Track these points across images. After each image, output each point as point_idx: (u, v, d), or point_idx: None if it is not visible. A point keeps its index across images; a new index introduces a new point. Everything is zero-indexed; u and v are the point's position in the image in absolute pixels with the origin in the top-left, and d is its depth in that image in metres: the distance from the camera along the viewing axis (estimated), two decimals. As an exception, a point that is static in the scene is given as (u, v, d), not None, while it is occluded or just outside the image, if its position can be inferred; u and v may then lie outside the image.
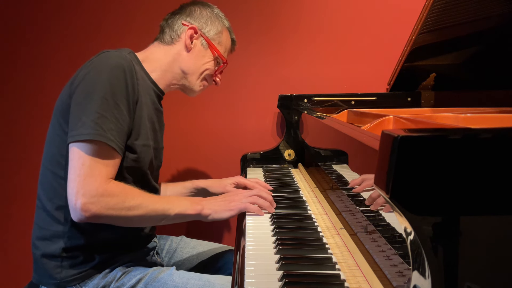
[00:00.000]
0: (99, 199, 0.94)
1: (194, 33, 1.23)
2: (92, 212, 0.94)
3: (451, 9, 1.36)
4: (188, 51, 1.23)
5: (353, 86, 1.85)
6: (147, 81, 1.18)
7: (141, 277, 1.05)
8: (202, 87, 1.29)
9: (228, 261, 1.31)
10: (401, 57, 1.56)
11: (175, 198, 1.11)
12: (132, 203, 0.98)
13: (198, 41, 1.24)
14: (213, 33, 1.26)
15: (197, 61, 1.24)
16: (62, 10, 1.90)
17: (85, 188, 0.94)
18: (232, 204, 1.06)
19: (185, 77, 1.25)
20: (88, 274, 1.04)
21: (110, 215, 0.96)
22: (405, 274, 0.63)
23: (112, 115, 0.99)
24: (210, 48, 1.25)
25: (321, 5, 1.88)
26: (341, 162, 1.00)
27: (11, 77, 1.93)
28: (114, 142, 0.98)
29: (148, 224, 1.15)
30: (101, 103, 0.98)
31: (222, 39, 1.29)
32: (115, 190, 0.97)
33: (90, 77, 1.01)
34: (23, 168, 1.94)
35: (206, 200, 1.08)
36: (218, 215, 1.05)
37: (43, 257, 1.05)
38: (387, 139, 0.50)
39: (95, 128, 0.96)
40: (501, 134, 0.49)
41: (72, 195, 0.95)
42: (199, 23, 1.25)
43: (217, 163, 1.92)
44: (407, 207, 0.49)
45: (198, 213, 1.04)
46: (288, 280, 0.73)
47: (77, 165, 0.96)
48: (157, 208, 1.01)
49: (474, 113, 1.07)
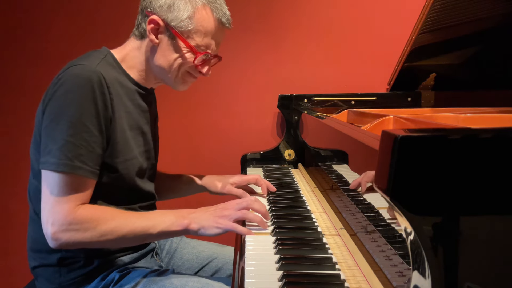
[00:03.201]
0: (67, 227, 0.91)
1: (157, 25, 1.06)
2: (63, 241, 0.92)
3: (451, 9, 1.36)
4: (157, 46, 1.08)
5: (353, 86, 1.85)
6: (128, 83, 1.10)
7: (139, 279, 1.04)
8: (185, 83, 1.15)
9: (228, 261, 1.30)
10: (401, 57, 1.56)
11: (158, 214, 1.01)
12: (104, 228, 0.94)
13: (164, 34, 1.07)
14: (180, 20, 1.05)
15: (167, 57, 1.08)
16: (61, 8, 1.90)
17: (54, 217, 0.92)
18: (221, 221, 0.97)
19: (163, 73, 1.11)
20: (86, 277, 1.04)
21: (82, 241, 0.93)
22: (405, 274, 0.63)
23: (80, 139, 0.94)
24: (179, 41, 1.07)
25: (321, 5, 1.88)
26: (341, 162, 1.00)
27: (12, 75, 1.93)
28: (82, 169, 0.94)
29: (128, 244, 1.06)
30: (67, 127, 0.93)
31: (197, 25, 1.06)
32: (85, 216, 0.93)
33: (57, 98, 0.96)
34: (24, 167, 1.94)
35: (195, 213, 0.99)
36: (207, 231, 0.97)
37: (41, 266, 1.05)
38: (387, 139, 0.50)
39: (60, 158, 0.92)
40: (501, 134, 0.49)
41: (43, 223, 0.93)
42: (160, 10, 1.05)
43: (217, 163, 1.92)
44: (407, 207, 0.49)
45: (184, 228, 0.97)
46: (288, 280, 0.72)
47: (46, 192, 0.93)
48: (136, 228, 0.95)
49: (474, 113, 1.07)
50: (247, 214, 0.99)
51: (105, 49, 1.10)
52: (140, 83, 1.13)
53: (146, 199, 1.16)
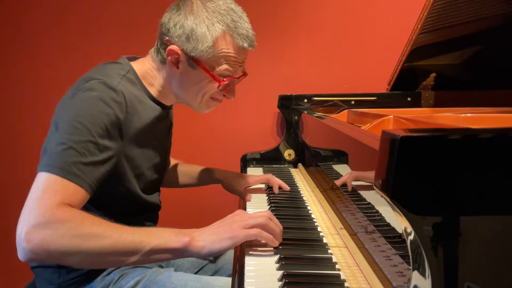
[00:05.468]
0: (44, 225, 0.77)
1: (177, 55, 1.01)
2: (35, 243, 0.77)
3: (451, 9, 1.36)
4: (177, 75, 1.05)
5: (353, 86, 1.85)
6: (148, 100, 1.08)
7: (139, 279, 1.04)
8: (210, 107, 1.12)
9: (228, 261, 1.31)
10: (401, 57, 1.56)
11: (155, 229, 0.89)
12: (88, 230, 0.79)
13: (184, 63, 1.03)
14: (200, 50, 1.00)
15: (191, 86, 1.06)
16: (66, 10, 1.90)
17: (30, 213, 0.79)
18: (234, 227, 0.85)
19: (184, 100, 1.11)
20: (86, 277, 1.04)
21: (59, 246, 0.77)
22: (405, 274, 0.63)
23: (84, 148, 0.88)
24: (201, 70, 1.02)
25: (321, 5, 1.88)
26: (341, 162, 1.00)
27: (14, 75, 1.93)
28: (78, 177, 0.86)
29: (113, 260, 0.84)
30: (74, 133, 0.89)
31: (218, 52, 1.01)
32: (67, 214, 0.79)
33: (71, 106, 0.94)
34: (25, 167, 1.94)
35: (197, 231, 0.86)
36: (216, 246, 0.83)
37: (40, 267, 1.05)
38: (387, 139, 0.50)
39: (57, 161, 0.86)
40: (501, 134, 0.49)
41: (18, 227, 0.80)
42: (178, 40, 1.01)
43: (217, 163, 1.91)
44: (407, 207, 0.49)
45: (185, 245, 0.82)
46: (288, 280, 0.73)
47: (31, 195, 0.83)
48: (126, 239, 0.80)
49: (474, 113, 1.07)
50: (261, 233, 0.86)
51: (126, 63, 1.07)
52: (160, 100, 1.11)
53: (149, 210, 1.16)
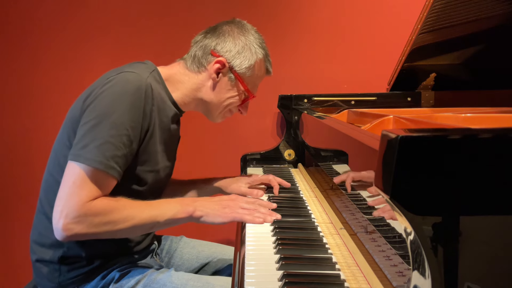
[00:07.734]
0: (81, 219, 0.92)
1: (222, 66, 1.14)
2: (74, 232, 0.92)
3: (451, 9, 1.36)
4: (213, 83, 1.16)
5: (353, 86, 1.85)
6: (168, 101, 1.14)
7: (140, 278, 1.05)
8: (223, 118, 1.25)
9: (228, 261, 1.31)
10: (401, 57, 1.56)
11: (164, 203, 1.04)
12: (117, 217, 0.95)
13: (225, 75, 1.16)
14: (244, 66, 1.15)
15: (221, 95, 1.18)
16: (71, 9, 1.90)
17: (69, 208, 0.91)
18: (226, 211, 1.02)
19: (207, 107, 1.20)
20: (86, 276, 1.04)
21: (94, 232, 0.94)
22: (405, 274, 0.63)
23: (120, 141, 0.96)
24: (238, 83, 1.17)
25: (321, 5, 1.88)
26: (341, 162, 1.00)
27: (15, 76, 1.93)
28: (114, 169, 0.96)
29: (137, 234, 1.10)
30: (110, 128, 0.96)
31: (254, 72, 1.18)
32: (99, 207, 0.94)
33: (104, 98, 0.98)
34: (26, 168, 1.94)
35: (199, 201, 1.04)
36: (209, 219, 1.01)
37: (39, 261, 1.06)
38: (387, 139, 0.50)
39: (97, 155, 0.94)
40: (501, 134, 0.49)
41: (56, 213, 0.92)
42: (229, 54, 1.15)
43: (217, 163, 1.92)
44: (407, 207, 0.49)
45: (189, 215, 1.00)
46: (288, 280, 0.73)
47: (68, 182, 0.94)
48: (145, 217, 0.98)
49: (474, 113, 1.07)
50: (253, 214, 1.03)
51: (151, 64, 1.15)
52: (179, 105, 1.17)
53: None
